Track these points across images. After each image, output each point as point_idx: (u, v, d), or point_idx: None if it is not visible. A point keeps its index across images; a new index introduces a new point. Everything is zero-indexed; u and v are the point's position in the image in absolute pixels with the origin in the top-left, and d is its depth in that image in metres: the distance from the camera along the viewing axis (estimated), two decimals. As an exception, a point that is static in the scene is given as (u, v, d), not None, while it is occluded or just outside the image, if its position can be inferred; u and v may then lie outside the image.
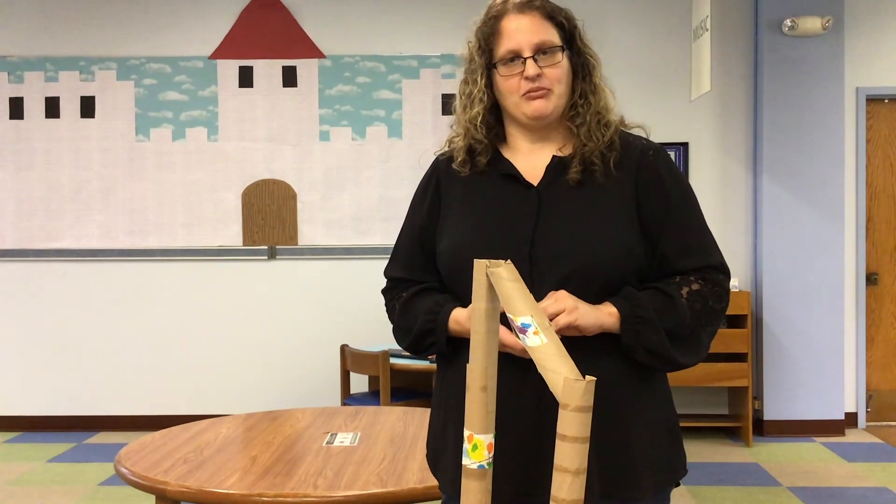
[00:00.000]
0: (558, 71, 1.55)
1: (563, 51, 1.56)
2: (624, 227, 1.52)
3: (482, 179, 1.61)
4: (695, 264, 1.55)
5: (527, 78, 1.53)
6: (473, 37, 1.60)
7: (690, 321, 1.51)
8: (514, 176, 1.59)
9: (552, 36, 1.55)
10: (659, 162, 1.58)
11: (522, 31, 1.54)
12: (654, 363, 1.51)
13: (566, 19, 1.58)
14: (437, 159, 1.71)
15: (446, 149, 1.69)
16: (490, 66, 1.57)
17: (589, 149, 1.55)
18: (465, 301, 1.52)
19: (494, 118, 1.62)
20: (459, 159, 1.62)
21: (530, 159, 1.60)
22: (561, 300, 1.44)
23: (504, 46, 1.55)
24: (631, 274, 1.52)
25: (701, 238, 1.58)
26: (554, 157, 1.58)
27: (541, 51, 1.54)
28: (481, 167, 1.61)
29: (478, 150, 1.61)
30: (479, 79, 1.59)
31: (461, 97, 1.64)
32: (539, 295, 1.45)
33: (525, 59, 1.53)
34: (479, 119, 1.59)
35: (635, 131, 1.64)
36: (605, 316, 1.47)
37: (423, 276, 1.66)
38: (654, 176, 1.56)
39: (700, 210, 1.61)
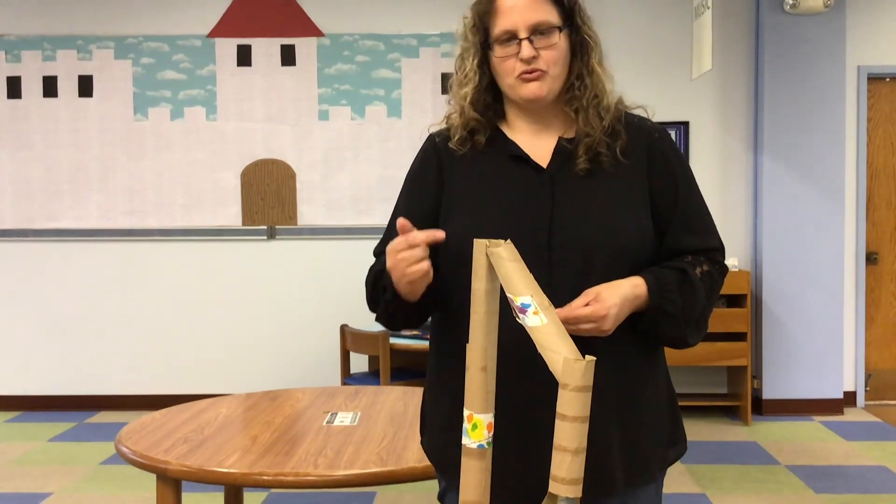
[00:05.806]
0: (554, 53, 1.49)
1: (561, 31, 1.50)
2: (640, 212, 1.51)
3: (485, 159, 1.56)
4: (700, 245, 1.55)
5: (521, 60, 1.48)
6: (469, 12, 1.54)
7: (704, 302, 1.51)
8: (522, 158, 1.53)
9: (550, 15, 1.49)
10: (665, 145, 1.57)
11: (519, 9, 1.47)
12: (664, 345, 1.54)
13: None
14: (432, 137, 1.64)
15: (444, 126, 1.62)
16: (485, 45, 1.52)
17: (592, 138, 1.51)
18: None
19: (492, 96, 1.56)
20: (457, 137, 1.57)
21: (534, 141, 1.55)
22: (601, 307, 1.39)
23: (499, 26, 1.49)
24: (649, 258, 1.51)
25: (704, 219, 1.58)
26: (560, 139, 1.54)
27: (537, 31, 1.48)
28: (481, 146, 1.56)
29: (477, 129, 1.56)
30: (472, 57, 1.53)
31: (456, 73, 1.58)
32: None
33: (521, 40, 1.48)
34: (470, 98, 1.54)
35: (636, 111, 1.60)
36: (629, 311, 1.44)
37: None
38: (663, 159, 1.55)
39: (700, 191, 1.60)
